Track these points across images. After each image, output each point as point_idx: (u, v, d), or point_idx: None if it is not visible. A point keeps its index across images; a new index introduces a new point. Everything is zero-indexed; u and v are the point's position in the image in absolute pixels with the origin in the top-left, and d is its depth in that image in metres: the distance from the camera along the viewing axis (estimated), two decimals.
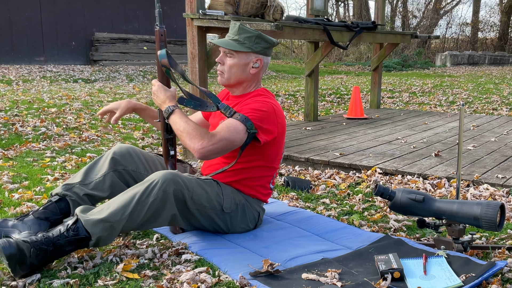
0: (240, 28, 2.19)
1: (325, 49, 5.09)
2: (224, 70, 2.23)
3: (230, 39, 2.21)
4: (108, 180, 2.23)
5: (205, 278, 1.79)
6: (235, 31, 2.20)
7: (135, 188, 1.97)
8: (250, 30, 2.20)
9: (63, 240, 1.84)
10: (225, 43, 2.19)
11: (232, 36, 2.20)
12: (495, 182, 3.01)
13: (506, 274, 1.84)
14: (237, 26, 2.20)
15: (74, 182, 2.22)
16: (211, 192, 2.10)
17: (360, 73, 14.81)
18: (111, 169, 2.25)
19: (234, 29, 2.20)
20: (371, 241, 2.18)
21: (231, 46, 2.18)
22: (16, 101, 6.23)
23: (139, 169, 2.32)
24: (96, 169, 2.27)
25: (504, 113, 6.81)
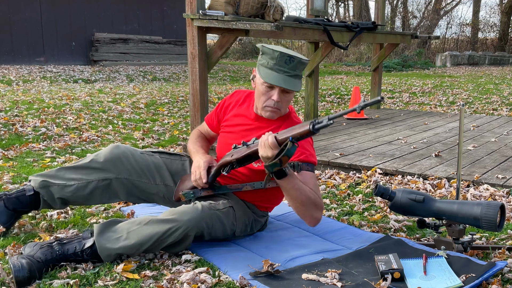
0: (298, 62, 1.97)
1: (325, 50, 5.09)
2: (281, 107, 2.06)
3: (288, 75, 1.98)
4: (90, 188, 2.16)
5: (205, 278, 1.79)
6: (292, 66, 1.97)
7: (155, 226, 1.91)
8: (305, 61, 2.01)
9: (76, 259, 1.91)
10: (292, 85, 1.98)
11: (290, 72, 1.98)
12: (495, 182, 3.01)
13: (506, 275, 1.84)
14: (296, 62, 1.97)
15: (54, 182, 2.15)
16: (227, 224, 2.09)
17: (360, 74, 14.81)
18: (98, 178, 2.16)
19: (291, 64, 1.97)
20: (371, 242, 2.18)
21: (297, 87, 2.00)
22: (16, 101, 6.23)
23: (132, 177, 2.20)
24: (82, 172, 2.17)
25: (504, 113, 6.80)
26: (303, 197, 1.93)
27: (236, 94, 2.31)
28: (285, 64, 1.97)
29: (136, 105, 6.55)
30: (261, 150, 1.86)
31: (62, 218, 2.45)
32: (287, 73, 1.98)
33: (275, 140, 1.83)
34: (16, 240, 2.15)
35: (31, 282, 1.77)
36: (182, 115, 6.20)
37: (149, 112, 6.21)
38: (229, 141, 2.18)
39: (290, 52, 1.99)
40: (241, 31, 3.73)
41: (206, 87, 4.02)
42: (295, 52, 2.06)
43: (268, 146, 1.83)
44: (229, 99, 2.30)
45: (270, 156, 1.83)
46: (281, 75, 1.97)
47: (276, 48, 1.97)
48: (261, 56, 2.03)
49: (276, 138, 1.83)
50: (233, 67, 14.62)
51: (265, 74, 1.99)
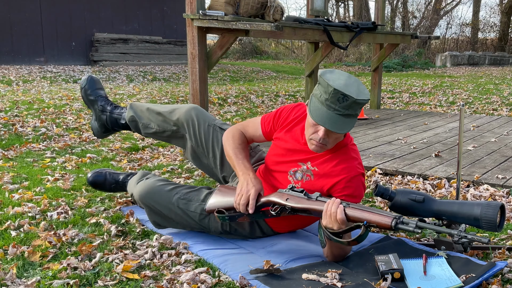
0: (353, 102, 1.77)
1: (325, 50, 5.09)
2: (327, 143, 1.89)
3: (338, 114, 1.78)
4: (166, 134, 2.53)
5: (205, 278, 1.79)
6: (345, 105, 1.78)
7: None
8: (362, 101, 1.79)
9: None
10: (339, 126, 1.79)
11: (342, 110, 1.78)
12: (495, 182, 3.01)
13: (506, 275, 1.84)
14: (350, 101, 1.76)
15: (140, 121, 2.55)
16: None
17: (360, 74, 14.81)
18: (172, 130, 2.48)
19: (345, 103, 1.77)
20: (372, 242, 2.18)
21: (345, 128, 1.80)
22: (16, 101, 6.23)
23: (193, 141, 2.42)
24: (161, 119, 2.49)
25: (504, 113, 6.80)
26: (341, 252, 1.93)
27: (298, 109, 2.11)
28: (337, 102, 1.77)
29: None
30: (325, 219, 1.76)
31: (62, 218, 2.45)
32: (337, 112, 1.78)
33: (344, 217, 1.72)
34: (16, 240, 2.15)
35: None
36: None
37: None
38: (274, 154, 2.11)
39: (349, 86, 1.77)
40: (241, 31, 3.73)
41: (206, 87, 4.02)
42: (358, 83, 1.82)
43: (335, 219, 1.73)
44: (290, 111, 2.11)
45: (336, 230, 1.74)
46: (330, 112, 1.78)
47: (332, 83, 1.76)
48: (317, 85, 1.85)
49: (345, 212, 1.72)
50: (233, 67, 14.62)
51: (314, 108, 1.83)
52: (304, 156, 2.02)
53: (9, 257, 1.99)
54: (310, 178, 2.00)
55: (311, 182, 2.00)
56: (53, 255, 2.01)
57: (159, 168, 3.61)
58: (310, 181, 2.00)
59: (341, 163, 1.96)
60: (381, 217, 1.70)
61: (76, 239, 2.17)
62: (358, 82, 1.85)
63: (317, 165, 1.99)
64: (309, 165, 2.01)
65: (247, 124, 2.22)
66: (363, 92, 1.81)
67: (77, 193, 2.92)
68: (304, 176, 2.01)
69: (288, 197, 1.90)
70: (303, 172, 2.01)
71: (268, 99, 7.99)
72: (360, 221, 1.72)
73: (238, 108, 7.04)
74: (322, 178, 1.98)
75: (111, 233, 2.26)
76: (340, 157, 1.97)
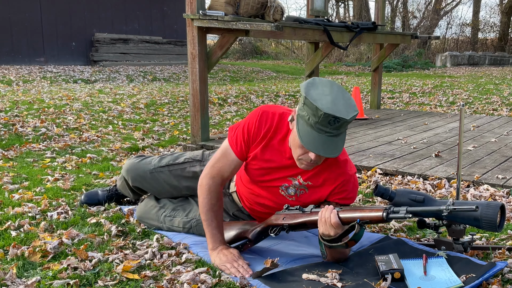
0: (344, 122, 1.69)
1: (325, 50, 5.09)
2: (319, 161, 1.83)
3: (329, 135, 1.70)
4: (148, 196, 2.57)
5: (205, 278, 1.79)
6: (337, 126, 1.69)
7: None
8: (353, 118, 1.72)
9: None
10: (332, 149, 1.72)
11: (333, 132, 1.70)
12: (495, 182, 3.01)
13: (507, 275, 1.84)
14: (341, 122, 1.68)
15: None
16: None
17: (360, 74, 14.81)
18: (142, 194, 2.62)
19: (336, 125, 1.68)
20: (372, 242, 2.18)
21: (338, 150, 1.73)
22: (16, 101, 6.23)
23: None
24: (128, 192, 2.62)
25: (504, 113, 6.80)
26: (341, 256, 1.93)
27: (265, 119, 1.92)
28: (328, 125, 1.68)
29: (136, 105, 6.55)
30: (321, 227, 1.74)
31: (62, 219, 2.45)
32: (329, 134, 1.70)
33: (339, 220, 1.71)
34: (16, 240, 2.15)
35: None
36: (182, 115, 6.20)
37: (149, 113, 6.21)
38: (256, 175, 1.99)
39: (337, 103, 1.68)
40: (241, 31, 3.73)
41: (206, 87, 4.02)
42: (342, 94, 1.74)
43: (330, 225, 1.72)
44: (258, 124, 1.92)
45: (333, 235, 1.74)
46: (322, 136, 1.69)
47: (320, 105, 1.65)
48: (303, 106, 1.71)
49: (338, 216, 1.72)
50: (233, 67, 14.63)
51: (303, 132, 1.71)
52: (293, 171, 1.93)
53: (9, 257, 1.99)
54: (305, 191, 1.97)
55: (306, 195, 1.97)
56: (53, 255, 2.01)
57: None
58: (305, 194, 1.97)
59: (334, 169, 1.93)
60: (372, 212, 1.71)
61: (76, 239, 2.17)
62: (342, 91, 1.76)
63: (310, 179, 1.93)
64: (300, 180, 1.95)
65: (219, 165, 1.97)
66: (351, 105, 1.72)
67: (77, 193, 2.92)
68: (298, 191, 1.97)
69: (284, 217, 1.92)
70: (296, 187, 1.97)
71: (268, 99, 7.99)
72: (353, 221, 1.73)
73: (238, 108, 7.04)
74: (318, 188, 1.95)
75: (111, 233, 2.25)
76: (331, 163, 1.92)
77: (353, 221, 1.72)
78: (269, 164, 1.95)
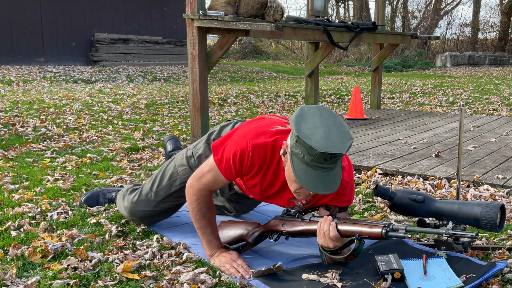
0: (341, 156, 1.63)
1: (325, 50, 5.09)
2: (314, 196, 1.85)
3: (327, 170, 1.64)
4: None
5: (205, 278, 1.79)
6: (334, 160, 1.63)
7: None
8: (348, 149, 1.65)
9: None
10: (332, 184, 1.66)
11: (331, 166, 1.65)
12: (495, 182, 3.01)
13: (507, 275, 1.84)
14: (338, 156, 1.62)
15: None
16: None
17: (360, 74, 14.81)
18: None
19: (333, 160, 1.62)
20: (372, 242, 2.18)
21: (337, 183, 1.67)
22: (16, 101, 6.23)
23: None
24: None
25: (505, 113, 6.80)
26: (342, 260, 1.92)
27: (258, 152, 1.82)
28: (324, 161, 1.61)
29: (136, 106, 6.55)
30: (320, 240, 1.75)
31: (62, 219, 2.45)
32: (326, 169, 1.63)
33: (337, 234, 1.72)
34: (16, 240, 2.15)
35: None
36: (182, 116, 6.20)
37: (149, 113, 6.21)
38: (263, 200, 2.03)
39: (331, 136, 1.61)
40: (241, 32, 3.73)
41: (206, 88, 4.02)
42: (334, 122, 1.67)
43: (329, 238, 1.72)
44: (251, 158, 1.83)
45: (332, 248, 1.75)
46: (318, 173, 1.62)
47: (314, 143, 1.58)
48: (296, 143, 1.63)
49: (337, 228, 1.72)
50: (233, 68, 14.63)
51: (300, 172, 1.63)
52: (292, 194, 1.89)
53: (9, 257, 1.99)
54: (309, 206, 1.98)
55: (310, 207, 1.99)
56: (53, 255, 2.01)
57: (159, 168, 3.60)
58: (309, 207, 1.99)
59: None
60: (372, 228, 1.71)
61: (76, 239, 2.17)
62: (333, 117, 1.70)
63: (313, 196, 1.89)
64: (303, 201, 1.94)
65: (205, 181, 1.94)
66: (344, 135, 1.66)
67: (77, 193, 2.92)
68: (303, 208, 1.98)
69: (284, 222, 1.93)
70: (300, 207, 1.97)
71: (268, 99, 7.99)
72: (352, 235, 1.75)
73: (238, 108, 7.04)
74: (319, 202, 1.95)
75: (112, 233, 2.25)
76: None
77: (352, 235, 1.74)
78: (269, 190, 1.93)
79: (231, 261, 1.89)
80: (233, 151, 1.83)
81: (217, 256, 1.94)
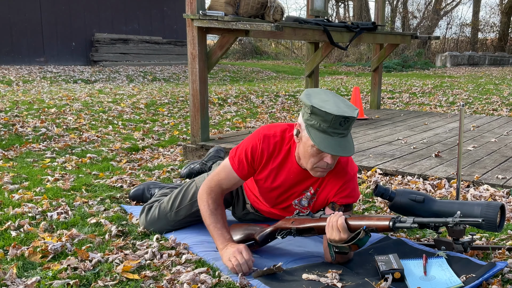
0: (353, 120, 1.80)
1: (325, 50, 5.09)
2: (332, 166, 1.91)
3: (342, 137, 1.81)
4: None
5: (205, 278, 1.79)
6: (347, 125, 1.80)
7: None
8: (357, 114, 1.83)
9: None
10: (348, 148, 1.81)
11: (345, 132, 1.81)
12: (495, 182, 3.01)
13: (507, 275, 1.84)
14: (351, 121, 1.79)
15: None
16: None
17: (360, 74, 14.81)
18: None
19: (347, 124, 1.79)
20: (372, 242, 2.18)
21: (352, 148, 1.84)
22: (16, 101, 6.23)
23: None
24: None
25: (504, 113, 6.81)
26: (345, 259, 1.95)
27: (266, 142, 1.98)
28: (339, 126, 1.78)
29: (136, 106, 6.55)
30: (328, 231, 1.78)
31: (62, 219, 2.45)
32: (342, 135, 1.80)
33: (345, 223, 1.75)
34: (16, 240, 2.15)
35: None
36: (182, 116, 6.20)
37: (149, 113, 6.21)
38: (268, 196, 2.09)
39: (340, 106, 1.79)
40: (241, 32, 3.73)
41: (206, 88, 4.02)
42: (338, 98, 1.86)
43: (336, 229, 1.76)
44: (260, 148, 1.98)
45: (338, 240, 1.77)
46: (335, 138, 1.79)
47: (329, 109, 1.76)
48: (310, 115, 1.80)
49: (346, 222, 1.76)
50: (233, 68, 14.63)
51: (319, 139, 1.78)
52: (307, 184, 2.02)
53: (9, 257, 1.99)
54: (315, 199, 2.05)
55: (317, 202, 2.05)
56: (53, 255, 2.01)
57: (159, 168, 3.61)
58: (315, 201, 2.05)
59: (337, 170, 1.99)
60: (379, 221, 1.74)
61: (76, 240, 2.17)
62: (336, 95, 1.89)
63: (319, 185, 2.02)
64: (312, 191, 2.04)
65: (218, 178, 2.04)
66: (350, 105, 1.85)
67: (77, 193, 2.92)
68: (310, 201, 2.05)
69: (293, 221, 1.95)
70: (308, 198, 2.05)
71: (268, 99, 7.99)
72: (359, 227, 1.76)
73: (238, 108, 7.04)
74: (324, 192, 2.02)
75: (112, 233, 2.25)
76: (337, 177, 2.00)
77: (360, 228, 1.75)
78: (284, 183, 2.02)
79: (236, 252, 1.88)
80: (246, 147, 2.00)
81: (226, 249, 1.93)
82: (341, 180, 1.98)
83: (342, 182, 1.98)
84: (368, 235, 1.73)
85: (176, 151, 4.28)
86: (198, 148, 4.02)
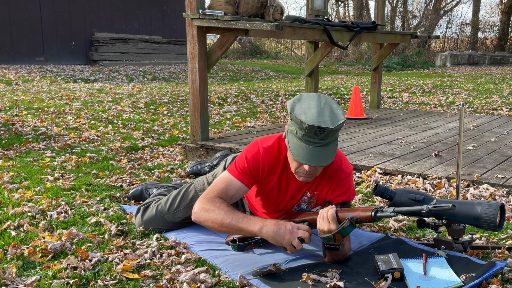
0: (330, 131, 1.76)
1: (325, 49, 5.09)
2: (315, 172, 1.88)
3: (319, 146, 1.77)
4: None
5: (205, 278, 1.79)
6: (324, 136, 1.76)
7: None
8: (339, 127, 1.79)
9: None
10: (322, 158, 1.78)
11: (322, 142, 1.77)
12: (495, 182, 3.01)
13: (506, 274, 1.84)
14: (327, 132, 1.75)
15: None
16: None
17: (360, 73, 14.81)
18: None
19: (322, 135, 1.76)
20: (371, 241, 2.18)
21: (329, 158, 1.79)
22: (16, 101, 6.22)
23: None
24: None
25: (504, 113, 6.81)
26: (341, 257, 1.96)
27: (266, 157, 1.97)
28: (315, 136, 1.75)
29: (136, 105, 6.55)
30: (319, 222, 1.82)
31: (61, 218, 2.45)
32: (318, 144, 1.77)
33: (334, 214, 1.79)
34: (15, 239, 2.15)
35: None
36: (182, 115, 6.20)
37: (149, 112, 6.21)
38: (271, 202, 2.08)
39: (322, 114, 1.76)
40: (241, 31, 3.73)
41: (206, 87, 4.02)
42: (329, 105, 1.82)
43: (326, 219, 1.79)
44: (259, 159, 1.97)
45: (326, 230, 1.79)
46: (311, 147, 1.76)
47: (304, 118, 1.73)
48: (291, 121, 1.81)
49: (336, 213, 1.80)
50: (233, 67, 14.62)
51: (293, 146, 1.79)
52: (303, 190, 2.05)
53: (9, 257, 1.99)
54: (314, 202, 2.07)
55: (317, 204, 2.07)
56: (52, 254, 2.01)
57: (159, 167, 3.61)
58: (315, 204, 2.07)
59: (331, 170, 2.01)
60: (363, 212, 1.79)
61: (76, 239, 2.17)
62: (329, 102, 1.84)
63: (315, 189, 2.04)
64: (308, 194, 2.06)
65: (223, 187, 1.95)
66: (337, 115, 1.80)
67: (77, 192, 2.92)
68: (309, 204, 2.08)
69: (292, 216, 2.01)
70: (307, 202, 2.07)
71: (268, 98, 7.99)
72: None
73: (238, 107, 7.04)
74: (322, 194, 2.05)
75: (111, 232, 2.25)
76: (330, 181, 2.02)
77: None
78: (287, 190, 2.04)
79: (291, 226, 1.80)
80: (245, 157, 1.98)
81: (267, 226, 1.81)
82: (337, 178, 2.01)
83: (338, 180, 2.01)
84: (353, 225, 1.77)
85: (176, 151, 4.28)
86: (198, 148, 4.02)
